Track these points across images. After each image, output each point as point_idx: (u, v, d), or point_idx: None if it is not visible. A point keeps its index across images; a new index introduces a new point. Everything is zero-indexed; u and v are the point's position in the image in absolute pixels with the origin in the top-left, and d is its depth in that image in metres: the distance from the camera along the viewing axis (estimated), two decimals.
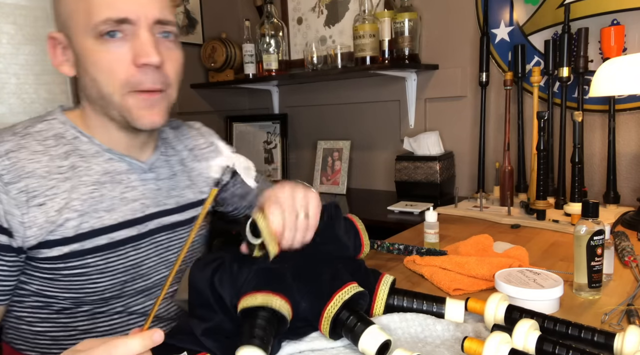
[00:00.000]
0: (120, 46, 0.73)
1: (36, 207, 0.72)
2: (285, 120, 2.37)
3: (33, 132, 0.77)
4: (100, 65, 0.73)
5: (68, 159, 0.77)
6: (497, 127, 1.79)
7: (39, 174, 0.73)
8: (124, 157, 0.82)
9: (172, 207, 0.87)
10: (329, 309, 0.65)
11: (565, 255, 1.06)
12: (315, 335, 0.69)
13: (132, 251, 0.81)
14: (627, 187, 1.54)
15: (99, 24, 0.71)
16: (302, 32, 2.26)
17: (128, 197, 0.81)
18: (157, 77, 0.75)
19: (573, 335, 0.64)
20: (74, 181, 0.76)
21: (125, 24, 0.72)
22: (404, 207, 1.67)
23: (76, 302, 0.79)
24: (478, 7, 1.76)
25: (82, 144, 0.79)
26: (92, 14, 0.71)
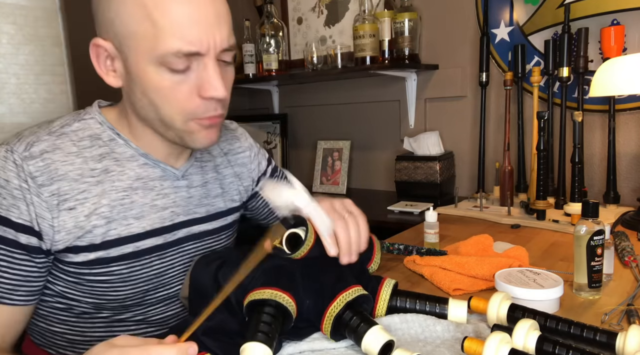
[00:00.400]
0: (185, 77, 0.70)
1: (66, 211, 0.71)
2: (285, 120, 2.37)
3: (69, 132, 0.75)
4: (163, 93, 0.70)
5: (102, 162, 0.75)
6: (497, 127, 1.79)
7: (71, 177, 0.72)
8: (158, 163, 0.80)
9: (202, 216, 0.86)
10: (332, 308, 0.66)
11: (565, 255, 1.06)
12: (316, 335, 0.69)
13: (157, 260, 0.80)
14: (627, 187, 1.54)
15: (168, 55, 0.67)
16: (302, 32, 2.26)
17: (159, 204, 0.79)
18: (220, 105, 0.74)
19: (575, 335, 0.64)
20: (105, 185, 0.74)
21: (195, 55, 0.68)
22: (404, 207, 1.67)
23: (97, 307, 0.78)
24: (478, 7, 1.76)
25: (118, 147, 0.77)
26: (160, 41, 0.66)
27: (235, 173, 0.94)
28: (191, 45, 0.67)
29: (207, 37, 0.68)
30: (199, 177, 0.86)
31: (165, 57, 0.67)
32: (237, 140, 0.98)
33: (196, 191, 0.85)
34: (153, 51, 0.67)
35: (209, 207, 0.87)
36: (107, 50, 0.71)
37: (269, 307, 0.63)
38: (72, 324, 0.80)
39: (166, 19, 0.66)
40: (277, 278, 0.67)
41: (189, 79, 0.70)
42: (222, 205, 0.90)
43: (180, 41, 0.66)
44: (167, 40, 0.66)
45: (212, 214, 0.88)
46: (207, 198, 0.87)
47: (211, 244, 0.88)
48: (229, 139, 0.96)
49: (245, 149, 0.98)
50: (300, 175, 2.37)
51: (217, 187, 0.90)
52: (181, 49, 0.67)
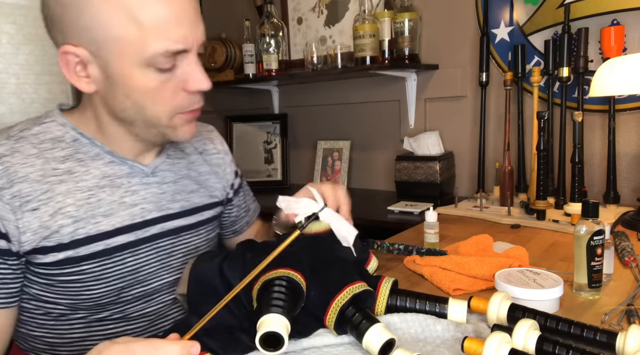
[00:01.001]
0: (171, 75, 0.71)
1: (30, 212, 0.71)
2: (285, 120, 2.37)
3: (28, 135, 0.75)
4: (150, 94, 0.71)
5: (65, 163, 0.75)
6: (497, 127, 1.79)
7: (32, 178, 0.72)
8: (125, 160, 0.80)
9: (176, 212, 0.85)
10: (338, 299, 0.66)
11: (565, 255, 1.06)
12: (318, 332, 0.69)
13: (129, 257, 0.79)
14: (627, 187, 1.54)
15: (156, 56, 0.68)
16: (302, 32, 2.26)
17: (127, 201, 0.79)
18: (201, 97, 0.77)
19: (575, 335, 0.64)
20: (69, 185, 0.74)
21: (181, 53, 0.71)
22: (404, 207, 1.67)
23: (72, 308, 0.78)
24: (478, 7, 1.76)
25: (82, 146, 0.78)
26: (147, 43, 0.67)
27: (212, 171, 0.95)
28: (178, 44, 0.69)
29: (191, 34, 0.70)
30: (171, 174, 0.87)
31: (153, 59, 0.68)
32: (212, 142, 0.99)
33: (169, 187, 0.85)
34: (140, 54, 0.68)
35: (184, 202, 0.87)
36: (79, 56, 0.70)
37: (281, 281, 0.64)
38: (50, 327, 0.79)
39: (152, 20, 0.67)
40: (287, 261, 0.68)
41: (175, 76, 0.72)
42: (198, 200, 0.90)
43: (168, 41, 0.68)
44: (155, 41, 0.67)
45: (188, 209, 0.88)
46: (181, 194, 0.87)
47: (189, 239, 0.88)
48: (204, 140, 0.97)
49: (220, 152, 0.99)
50: (300, 175, 2.39)
51: (191, 183, 0.90)
52: (169, 48, 0.68)
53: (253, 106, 2.55)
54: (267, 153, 2.39)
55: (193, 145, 0.94)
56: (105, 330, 0.81)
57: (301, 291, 0.66)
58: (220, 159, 0.98)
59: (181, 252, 0.87)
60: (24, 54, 1.29)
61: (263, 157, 2.39)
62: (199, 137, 0.97)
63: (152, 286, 0.83)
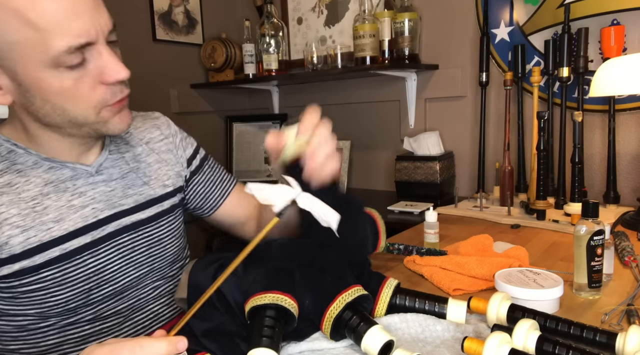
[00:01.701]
0: (84, 70, 0.68)
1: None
2: (285, 120, 2.37)
3: None
4: (67, 94, 0.69)
5: (3, 177, 0.73)
6: (497, 127, 1.79)
7: None
8: (65, 164, 0.78)
9: (130, 207, 0.83)
10: (331, 309, 0.65)
11: (565, 255, 1.06)
12: (316, 335, 0.69)
13: (90, 258, 0.77)
14: (627, 187, 1.54)
15: (61, 54, 0.65)
16: (302, 32, 2.26)
17: (76, 204, 0.77)
18: (124, 86, 0.74)
19: (575, 335, 0.64)
20: (11, 196, 0.72)
21: (86, 46, 0.67)
22: (404, 207, 1.67)
23: (42, 316, 0.77)
24: (478, 7, 1.76)
25: (18, 157, 0.75)
26: (48, 44, 0.64)
27: (161, 159, 0.92)
28: (80, 38, 0.65)
29: (93, 24, 0.67)
30: (117, 170, 0.84)
31: (58, 58, 0.65)
32: (158, 129, 0.95)
33: (117, 183, 0.83)
34: (44, 56, 0.65)
35: (137, 196, 0.85)
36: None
37: (271, 311, 0.63)
38: (24, 339, 0.78)
39: (46, 19, 0.63)
40: (277, 281, 0.67)
41: (88, 71, 0.69)
42: (152, 192, 0.88)
43: (68, 37, 0.64)
44: (55, 40, 0.64)
45: (143, 203, 0.85)
46: (133, 188, 0.85)
47: (150, 232, 0.86)
48: (148, 128, 0.94)
49: (167, 136, 0.95)
50: None
51: (141, 175, 0.87)
52: (71, 44, 0.65)
53: (253, 106, 2.55)
54: (267, 153, 2.39)
55: (137, 137, 0.91)
56: (80, 332, 0.79)
57: (292, 316, 0.65)
58: (170, 144, 0.95)
59: (144, 246, 0.85)
60: None
61: (263, 157, 2.39)
62: (143, 126, 0.94)
63: (121, 283, 0.82)
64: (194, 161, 0.99)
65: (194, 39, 2.26)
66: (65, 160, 0.78)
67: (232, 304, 0.67)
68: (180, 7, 2.20)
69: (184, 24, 2.22)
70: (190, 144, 1.00)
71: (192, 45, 2.25)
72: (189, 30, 2.25)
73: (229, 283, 0.68)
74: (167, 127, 0.97)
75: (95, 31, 0.67)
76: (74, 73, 0.67)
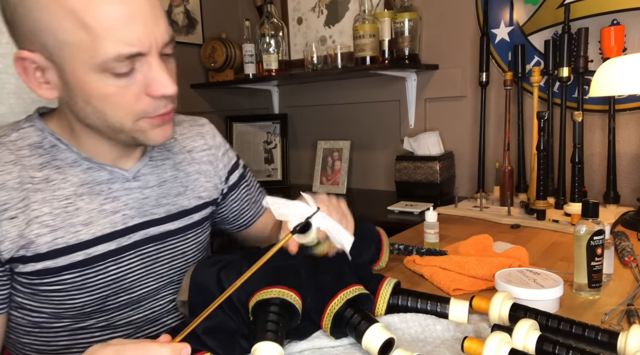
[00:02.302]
0: (131, 80, 0.66)
1: (8, 221, 0.69)
2: (285, 120, 2.37)
3: (6, 142, 0.73)
4: (109, 100, 0.67)
5: (42, 171, 0.73)
6: (497, 127, 1.79)
7: (9, 186, 0.69)
8: (104, 166, 0.77)
9: (161, 217, 0.82)
10: (332, 305, 0.66)
11: (565, 255, 1.06)
12: (317, 334, 0.69)
13: (112, 265, 0.76)
14: (627, 187, 1.54)
15: (109, 61, 0.63)
16: (302, 32, 2.26)
17: (107, 209, 0.76)
18: (169, 101, 0.71)
19: (577, 334, 0.64)
20: (45, 194, 0.72)
21: (137, 56, 0.65)
22: (404, 207, 1.67)
23: (56, 317, 0.77)
24: (478, 7, 1.76)
25: (60, 153, 0.75)
26: (98, 48, 0.63)
27: (201, 170, 0.90)
28: (132, 47, 0.64)
29: (147, 35, 0.65)
30: (154, 177, 0.83)
31: (106, 64, 0.64)
32: (202, 138, 0.93)
33: (152, 191, 0.82)
34: (92, 59, 0.63)
35: (170, 206, 0.83)
36: (36, 62, 0.66)
37: (275, 306, 0.64)
38: (37, 335, 0.78)
39: (100, 23, 0.62)
40: (283, 276, 0.67)
41: (135, 81, 0.67)
42: (186, 203, 0.86)
43: (120, 44, 0.63)
44: (106, 45, 0.62)
45: (175, 214, 0.84)
46: (167, 197, 0.83)
47: (176, 244, 0.85)
48: (193, 136, 0.92)
49: (211, 147, 0.93)
50: (300, 175, 2.38)
51: (177, 185, 0.86)
52: (122, 52, 0.63)
53: (253, 106, 2.55)
54: (267, 153, 2.39)
55: (181, 144, 0.89)
56: (90, 339, 0.79)
57: (296, 311, 0.65)
58: (212, 156, 0.92)
59: (167, 257, 0.84)
60: None
61: (263, 157, 2.39)
62: (188, 133, 0.92)
63: (138, 293, 0.81)
64: (231, 176, 0.97)
65: (194, 39, 2.26)
66: (105, 162, 0.77)
67: (235, 301, 0.67)
68: (180, 7, 2.20)
69: (184, 24, 2.22)
70: (231, 158, 0.98)
71: (192, 45, 2.25)
72: (189, 30, 2.25)
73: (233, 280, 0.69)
74: (212, 138, 0.94)
75: (149, 41, 0.65)
76: (120, 81, 0.66)
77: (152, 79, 0.67)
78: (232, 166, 0.97)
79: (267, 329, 0.60)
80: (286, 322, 0.64)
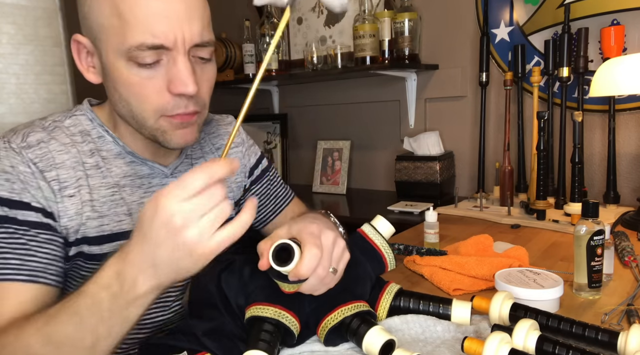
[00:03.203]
0: (155, 72, 0.68)
1: (67, 198, 0.71)
2: (285, 120, 2.37)
3: (62, 126, 0.75)
4: (132, 90, 0.69)
5: (92, 157, 0.75)
6: (497, 127, 1.79)
7: (68, 165, 0.72)
8: (146, 161, 0.79)
9: None
10: (327, 320, 0.66)
11: (565, 255, 1.06)
12: (316, 337, 0.69)
13: None
14: (627, 187, 1.54)
15: (132, 48, 0.65)
16: (302, 32, 2.26)
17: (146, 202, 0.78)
18: (191, 102, 0.71)
19: (577, 334, 0.64)
20: (95, 180, 0.74)
21: (161, 49, 0.66)
22: (404, 207, 1.67)
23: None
24: (478, 7, 1.76)
25: (105, 144, 0.77)
26: (126, 35, 0.65)
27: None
28: (156, 39, 0.65)
29: (174, 31, 0.66)
30: None
31: (131, 51, 0.66)
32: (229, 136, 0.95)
33: None
34: (121, 45, 0.66)
35: None
36: (86, 46, 0.71)
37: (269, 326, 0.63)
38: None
39: (132, 12, 0.65)
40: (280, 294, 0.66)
41: (158, 74, 0.68)
42: None
43: (145, 34, 0.65)
44: (133, 33, 0.65)
45: None
46: None
47: None
48: (221, 134, 0.94)
49: (239, 144, 0.95)
50: (300, 175, 2.38)
51: None
52: (145, 41, 0.65)
53: (253, 106, 2.55)
54: (267, 153, 2.39)
55: (210, 142, 0.91)
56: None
57: (291, 333, 0.64)
58: (239, 153, 0.95)
59: None
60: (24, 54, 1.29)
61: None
62: (217, 132, 0.93)
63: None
64: (255, 171, 0.98)
65: None
66: (146, 157, 0.79)
67: (234, 306, 0.67)
68: None
69: None
70: (255, 153, 0.99)
71: None
72: None
73: (233, 286, 0.68)
74: (239, 134, 0.97)
75: (174, 37, 0.66)
76: (144, 71, 0.68)
77: (174, 75, 0.68)
78: (256, 161, 0.99)
79: (260, 338, 0.60)
80: (280, 335, 0.63)
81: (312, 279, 0.64)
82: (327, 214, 0.80)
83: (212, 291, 0.70)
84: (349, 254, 0.69)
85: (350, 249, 0.71)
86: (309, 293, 0.66)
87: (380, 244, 0.77)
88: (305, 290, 0.65)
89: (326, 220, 0.74)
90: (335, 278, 0.67)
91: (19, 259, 0.66)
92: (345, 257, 0.68)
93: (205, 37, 0.70)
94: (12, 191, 0.68)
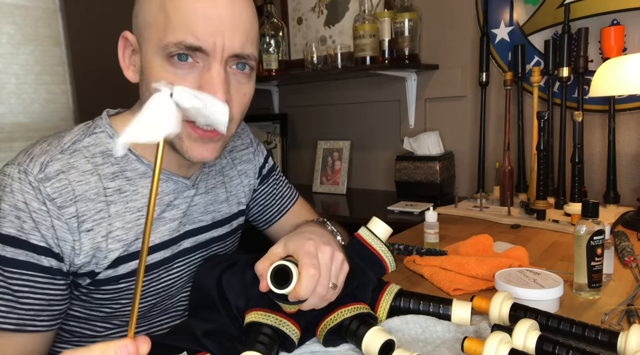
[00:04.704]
0: (188, 74, 0.66)
1: (85, 233, 0.68)
2: (285, 120, 2.37)
3: (81, 148, 0.71)
4: None
5: (115, 181, 0.71)
6: (497, 127, 1.79)
7: (87, 197, 0.69)
8: (171, 176, 0.76)
9: (207, 224, 0.82)
10: (326, 321, 0.65)
11: (565, 255, 1.06)
12: (315, 338, 0.69)
13: (164, 273, 0.76)
14: (627, 187, 1.54)
15: (170, 45, 0.64)
16: (302, 32, 2.26)
17: (167, 216, 0.75)
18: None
19: (577, 334, 0.64)
20: (118, 207, 0.71)
21: (199, 51, 0.65)
22: (404, 207, 1.67)
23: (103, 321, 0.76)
24: (478, 7, 1.76)
25: (129, 163, 0.73)
26: (167, 32, 0.64)
27: (239, 172, 0.90)
28: (195, 40, 0.64)
29: (215, 37, 0.65)
30: (203, 184, 0.82)
31: (169, 48, 0.64)
32: (239, 138, 0.93)
33: (201, 198, 0.81)
34: (160, 42, 0.65)
35: (215, 214, 0.83)
36: (132, 44, 0.71)
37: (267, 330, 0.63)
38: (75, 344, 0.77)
39: (177, 12, 0.65)
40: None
41: (191, 77, 0.66)
42: (227, 210, 0.86)
43: (186, 34, 0.64)
44: (174, 31, 0.64)
45: (218, 221, 0.84)
46: (213, 204, 0.83)
47: (217, 251, 0.85)
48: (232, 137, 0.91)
49: (248, 145, 0.94)
50: (300, 175, 2.38)
51: (222, 191, 0.86)
52: (185, 40, 0.64)
53: (253, 106, 2.53)
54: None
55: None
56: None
57: (291, 341, 0.64)
58: (250, 154, 0.94)
59: None
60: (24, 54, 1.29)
61: None
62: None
63: (177, 298, 0.81)
64: (263, 170, 0.97)
65: None
66: (171, 171, 0.76)
67: (233, 308, 0.67)
68: None
69: None
70: (262, 152, 0.98)
71: None
72: None
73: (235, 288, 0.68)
74: (247, 135, 0.96)
75: (214, 42, 0.65)
76: (178, 71, 0.66)
77: (206, 81, 0.65)
78: (264, 159, 0.98)
79: (258, 340, 0.60)
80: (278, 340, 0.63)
81: (312, 298, 0.62)
82: (324, 222, 0.78)
83: (212, 292, 0.70)
84: (347, 265, 0.67)
85: (349, 257, 0.69)
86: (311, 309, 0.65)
87: (379, 248, 0.75)
88: (307, 308, 0.64)
89: (322, 231, 0.71)
90: (335, 292, 0.65)
91: (7, 306, 0.64)
92: (344, 269, 0.66)
93: (246, 50, 0.68)
94: (20, 230, 0.65)
